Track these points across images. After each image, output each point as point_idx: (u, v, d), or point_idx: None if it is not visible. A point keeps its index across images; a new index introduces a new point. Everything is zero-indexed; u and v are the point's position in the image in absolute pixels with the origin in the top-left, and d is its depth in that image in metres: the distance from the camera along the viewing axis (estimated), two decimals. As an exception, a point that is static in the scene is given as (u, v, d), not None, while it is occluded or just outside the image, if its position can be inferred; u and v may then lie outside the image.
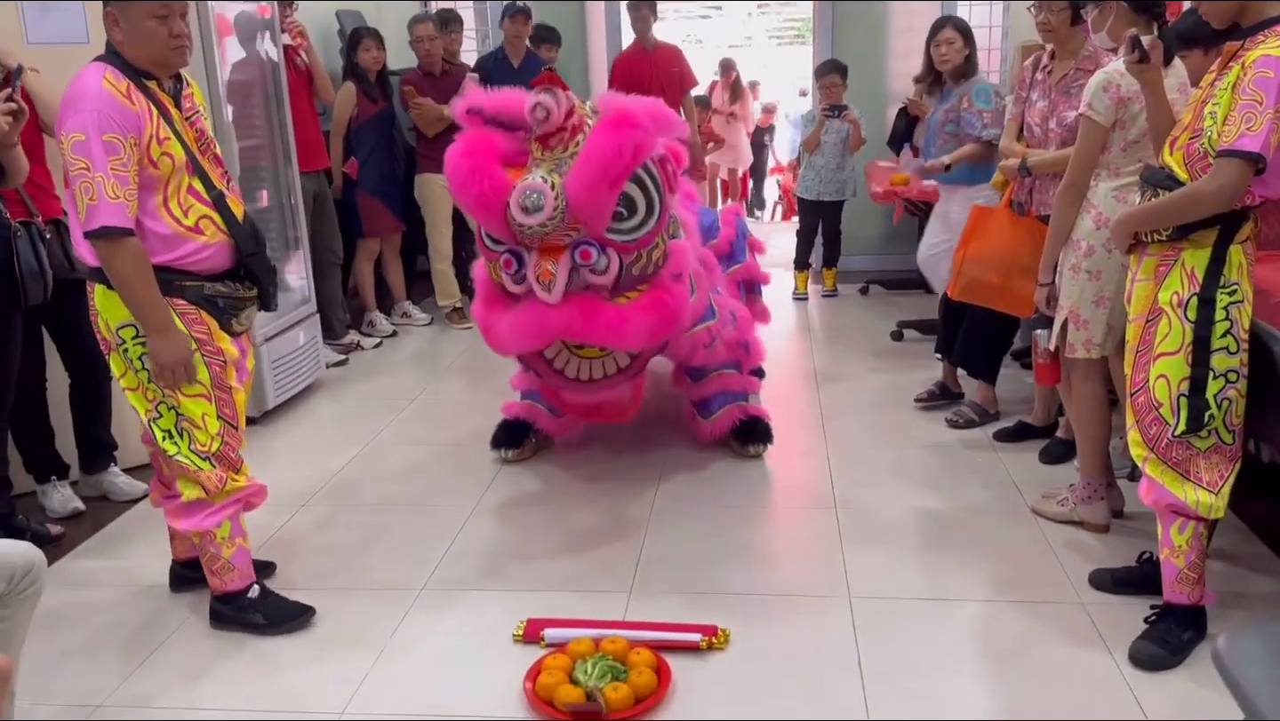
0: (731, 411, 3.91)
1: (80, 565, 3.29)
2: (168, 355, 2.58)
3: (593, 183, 2.95)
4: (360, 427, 4.43)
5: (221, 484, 2.72)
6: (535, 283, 3.05)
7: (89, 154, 2.44)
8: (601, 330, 3.11)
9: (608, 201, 2.99)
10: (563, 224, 2.99)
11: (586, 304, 3.09)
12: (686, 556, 3.18)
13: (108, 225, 2.46)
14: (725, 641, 2.68)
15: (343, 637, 2.80)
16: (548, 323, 3.10)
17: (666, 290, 3.22)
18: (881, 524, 3.35)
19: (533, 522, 3.47)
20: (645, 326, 3.15)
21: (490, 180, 2.99)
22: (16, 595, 2.11)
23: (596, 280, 3.09)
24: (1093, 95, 2.95)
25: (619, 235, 3.06)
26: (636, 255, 3.12)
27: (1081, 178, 3.04)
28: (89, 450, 3.78)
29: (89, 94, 2.47)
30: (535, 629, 2.75)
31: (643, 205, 3.07)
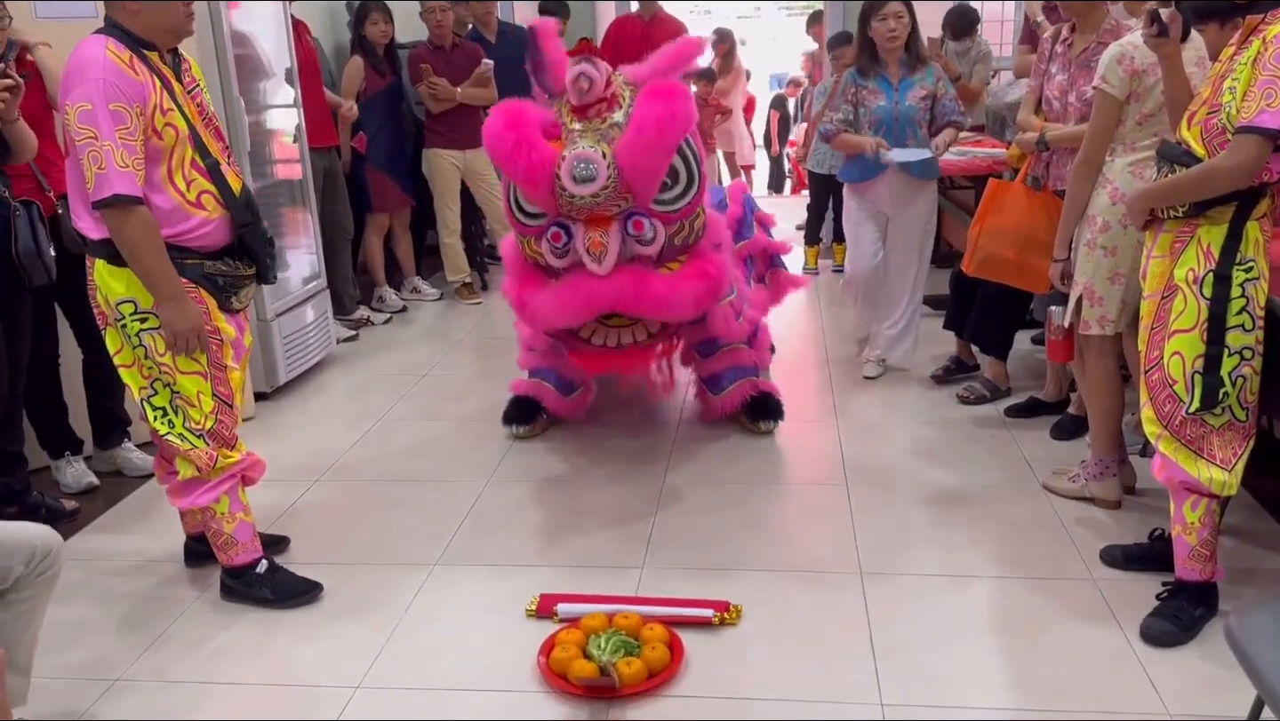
0: (742, 387, 3.89)
1: (95, 540, 3.31)
2: (182, 323, 2.59)
3: (647, 152, 2.95)
4: (371, 403, 4.45)
5: (212, 461, 2.73)
6: (585, 254, 3.04)
7: (95, 123, 2.44)
8: (652, 301, 3.13)
9: (660, 171, 3.00)
10: (614, 194, 2.98)
11: (636, 275, 3.09)
12: (698, 531, 3.19)
13: (120, 193, 2.46)
14: (737, 617, 2.69)
15: (357, 612, 2.82)
16: (598, 295, 3.09)
17: (708, 259, 3.24)
18: (893, 500, 3.35)
19: (544, 498, 3.48)
20: (692, 295, 3.16)
21: (537, 152, 2.97)
22: (35, 577, 2.13)
23: (643, 251, 3.10)
24: (1106, 68, 2.92)
25: (663, 206, 3.08)
26: (679, 225, 3.14)
27: (1097, 152, 3.01)
28: (102, 425, 3.80)
29: (93, 63, 2.47)
30: (548, 604, 2.76)
31: (684, 175, 3.08)
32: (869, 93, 4.09)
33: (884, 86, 4.09)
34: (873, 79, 4.09)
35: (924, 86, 4.09)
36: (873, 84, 4.10)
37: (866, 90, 4.10)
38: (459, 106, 5.64)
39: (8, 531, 2.15)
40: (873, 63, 4.08)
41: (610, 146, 2.97)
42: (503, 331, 5.52)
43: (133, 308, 2.62)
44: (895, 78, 4.09)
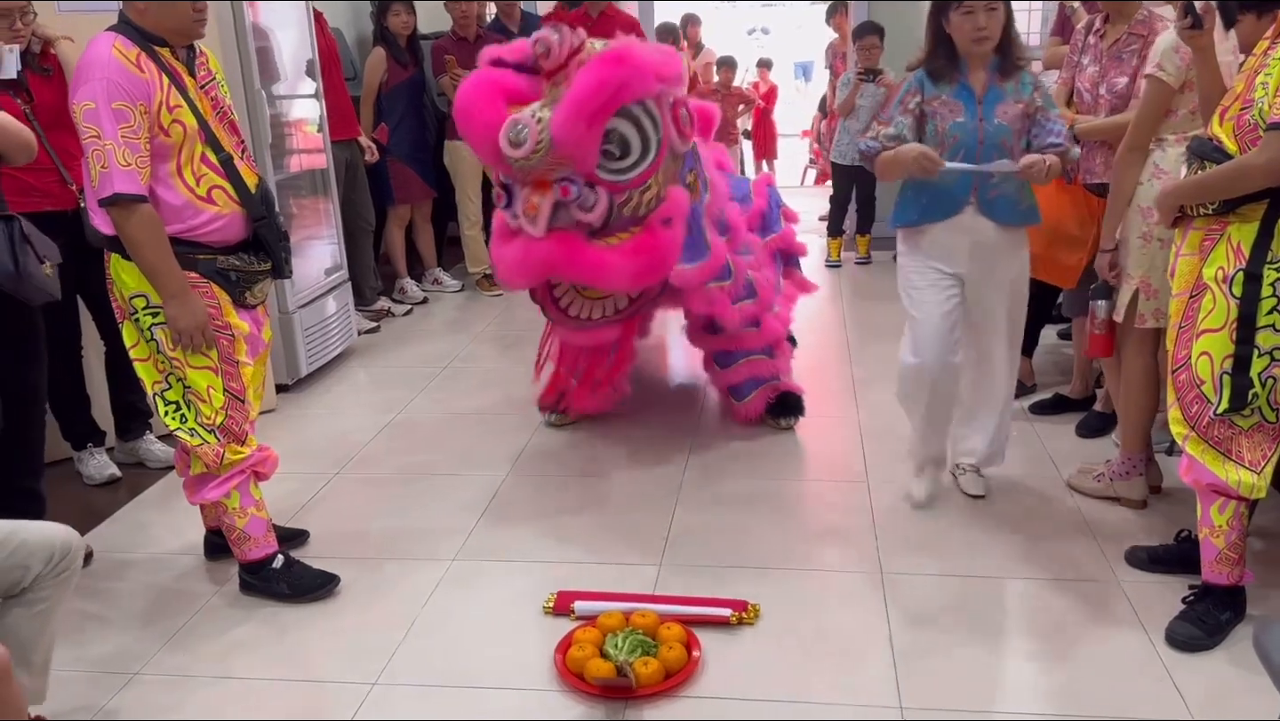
0: (764, 392, 3.88)
1: (116, 532, 3.33)
2: (186, 320, 2.60)
3: (574, 118, 2.98)
4: (392, 395, 4.45)
5: (219, 458, 2.73)
6: (522, 216, 3.12)
7: (99, 122, 2.45)
8: (582, 269, 3.17)
9: (588, 137, 3.02)
10: (548, 158, 3.03)
11: (569, 242, 3.13)
12: (716, 529, 3.17)
13: (120, 192, 2.47)
14: (755, 616, 2.67)
15: (375, 607, 2.82)
16: (530, 256, 3.16)
17: (653, 234, 3.21)
18: (914, 498, 3.32)
19: (563, 493, 3.47)
20: (628, 270, 3.16)
21: (487, 114, 3.08)
22: (54, 576, 2.13)
23: (584, 217, 3.11)
24: (1163, 55, 2.86)
25: (610, 174, 3.09)
26: (627, 196, 3.14)
27: (1144, 140, 2.96)
28: (124, 417, 3.82)
29: (98, 62, 2.48)
30: (565, 601, 2.75)
31: (637, 145, 3.09)
32: (942, 104, 2.97)
33: (963, 98, 2.96)
34: (947, 87, 2.98)
35: (1019, 99, 2.97)
36: (947, 94, 2.98)
37: (939, 101, 2.98)
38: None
39: (30, 531, 2.15)
40: (949, 66, 2.97)
41: (551, 112, 3.03)
42: (524, 323, 5.51)
43: (144, 302, 2.63)
44: (980, 86, 2.97)
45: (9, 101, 3.24)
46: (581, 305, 3.44)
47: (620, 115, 3.05)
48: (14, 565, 2.09)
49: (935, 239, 3.06)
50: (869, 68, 6.09)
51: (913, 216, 3.10)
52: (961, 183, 2.96)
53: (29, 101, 3.35)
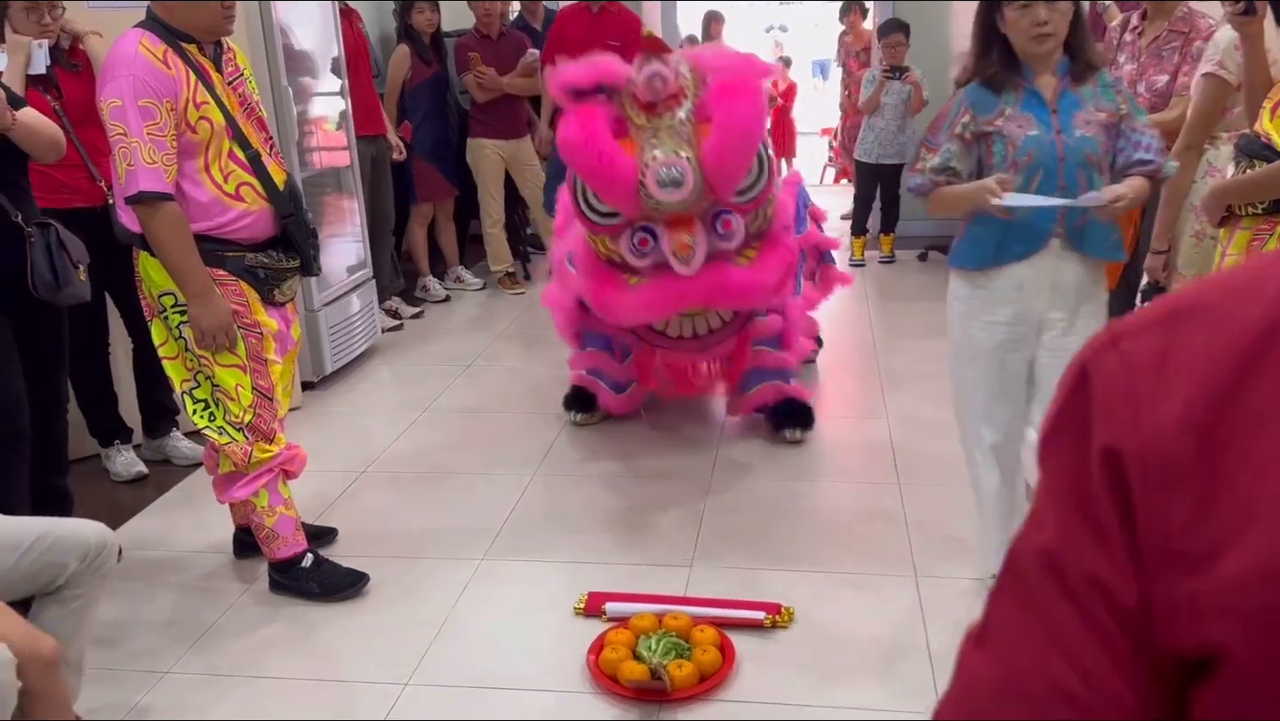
0: (764, 391, 3.72)
1: (144, 530, 3.33)
2: (209, 320, 2.58)
3: (734, 154, 2.96)
4: (417, 393, 4.43)
5: (247, 457, 2.72)
6: (672, 256, 3.03)
7: (125, 119, 2.45)
8: (737, 294, 3.15)
9: (744, 170, 3.00)
10: (700, 196, 2.98)
11: (720, 271, 3.10)
12: (747, 529, 3.14)
13: (145, 190, 2.46)
14: (789, 620, 2.64)
15: (404, 607, 2.80)
16: (687, 295, 3.10)
17: (781, 243, 3.25)
18: (947, 500, 3.27)
19: (590, 491, 3.45)
20: (772, 282, 3.19)
21: (618, 161, 2.96)
22: (90, 573, 2.12)
23: (726, 246, 3.09)
24: (1224, 53, 2.83)
25: (741, 197, 3.06)
26: (755, 214, 3.13)
27: (1200, 138, 2.93)
28: (152, 414, 3.81)
29: (124, 59, 2.47)
30: (596, 602, 2.73)
31: (757, 164, 3.06)
32: (1008, 119, 2.35)
33: (1033, 108, 2.35)
34: (1011, 96, 2.37)
35: (1101, 106, 2.37)
36: (1012, 106, 2.37)
37: (1003, 117, 2.36)
38: (504, 96, 5.61)
39: (64, 528, 2.15)
40: (1008, 71, 2.37)
41: (691, 148, 2.95)
42: (546, 321, 5.48)
43: (173, 300, 2.62)
44: (1050, 92, 2.36)
45: (38, 97, 3.24)
46: (681, 324, 3.38)
47: None
48: (49, 563, 2.08)
49: (1008, 282, 2.40)
50: (894, 65, 6.04)
51: (983, 257, 2.42)
52: (1045, 209, 2.32)
53: (58, 98, 3.35)
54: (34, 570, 2.07)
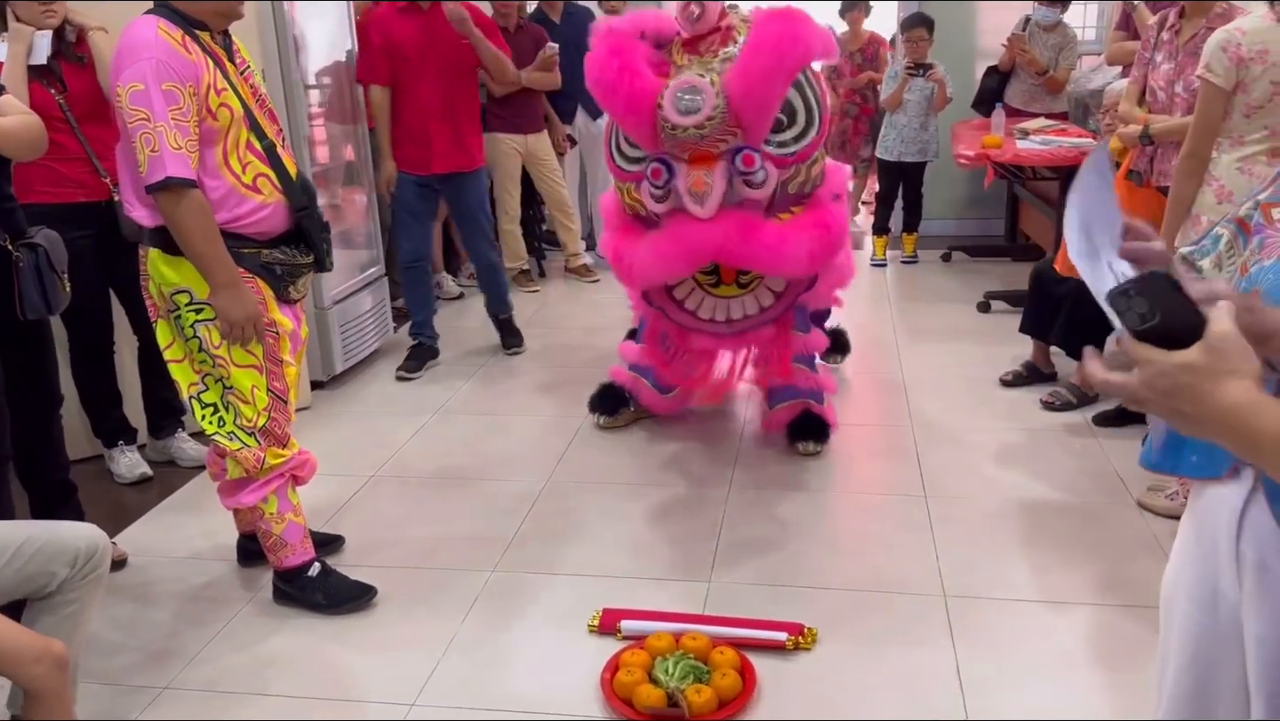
0: (794, 406, 3.60)
1: (146, 534, 3.24)
2: (238, 311, 2.49)
3: (761, 77, 2.65)
4: (428, 394, 4.34)
5: (260, 462, 2.63)
6: (687, 195, 2.78)
7: (149, 103, 2.34)
8: (759, 250, 2.80)
9: (774, 101, 2.73)
10: (721, 126, 2.71)
11: (743, 221, 2.80)
12: (766, 544, 3.03)
13: (173, 176, 2.36)
14: (812, 641, 2.53)
15: (412, 622, 2.70)
16: (699, 241, 2.80)
17: (827, 209, 2.92)
18: (975, 514, 3.16)
19: (605, 501, 3.34)
20: (806, 248, 2.83)
21: (640, 79, 2.74)
22: (80, 580, 2.03)
23: (752, 194, 2.81)
24: (1211, 55, 2.73)
25: (777, 147, 2.80)
26: (795, 170, 2.83)
27: (1202, 145, 2.81)
28: (157, 415, 3.73)
29: (145, 43, 2.37)
30: (611, 620, 2.62)
31: (803, 114, 2.81)
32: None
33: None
34: None
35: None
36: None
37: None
38: (521, 90, 5.50)
39: (53, 533, 2.06)
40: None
41: (720, 76, 2.71)
42: (563, 322, 5.40)
43: (188, 298, 2.52)
44: None
45: (40, 90, 3.16)
46: (715, 305, 3.05)
47: None
48: (37, 570, 1.99)
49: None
50: (918, 61, 5.91)
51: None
52: None
53: (62, 91, 3.26)
54: (19, 577, 1.99)
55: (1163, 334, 0.92)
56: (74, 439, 3.65)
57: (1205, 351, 0.90)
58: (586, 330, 5.22)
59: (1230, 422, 0.90)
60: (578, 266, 6.11)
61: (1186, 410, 0.91)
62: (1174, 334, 0.92)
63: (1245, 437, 0.91)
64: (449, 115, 4.38)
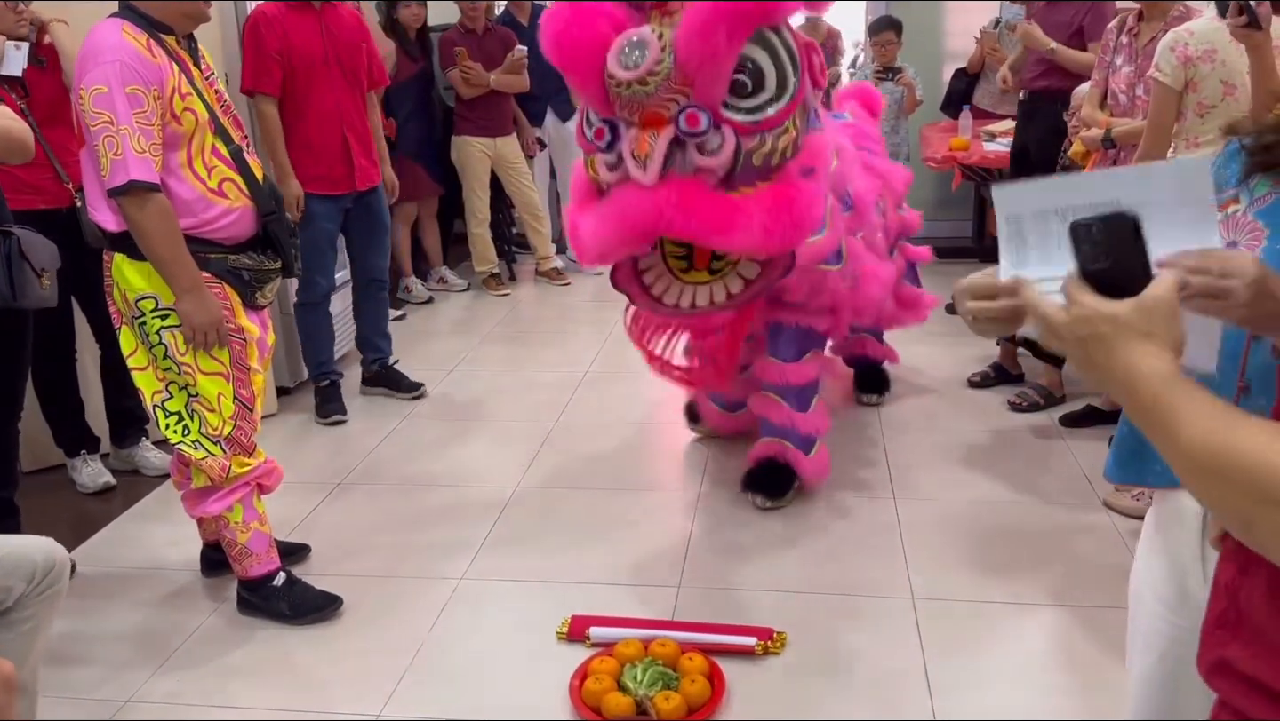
0: (762, 446, 3.26)
1: (110, 544, 3.20)
2: (201, 316, 2.47)
3: (709, 27, 2.40)
4: (395, 401, 4.30)
5: (225, 471, 2.60)
6: (630, 158, 2.53)
7: (112, 106, 2.32)
8: (704, 221, 2.51)
9: (725, 55, 2.43)
10: (668, 82, 2.44)
11: (688, 189, 2.51)
12: (735, 549, 3.03)
13: (135, 180, 2.34)
14: (781, 646, 2.53)
15: (379, 631, 2.68)
16: (637, 210, 2.53)
17: (794, 184, 2.58)
18: (943, 516, 3.17)
19: (574, 508, 3.32)
20: (761, 223, 2.51)
21: (590, 30, 2.52)
22: (37, 596, 1.99)
23: (705, 162, 2.51)
24: (1160, 56, 2.79)
25: (739, 113, 2.50)
26: (759, 139, 2.53)
27: (1157, 147, 2.84)
28: (120, 423, 3.68)
29: (109, 46, 2.35)
30: (580, 626, 2.61)
31: (772, 78, 2.51)
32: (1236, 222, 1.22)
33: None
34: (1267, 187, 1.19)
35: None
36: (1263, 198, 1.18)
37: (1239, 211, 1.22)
38: (490, 93, 5.49)
39: (8, 547, 2.02)
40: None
41: (672, 30, 2.49)
42: (533, 325, 5.38)
43: (153, 304, 2.49)
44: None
45: (4, 95, 3.10)
46: (681, 291, 2.75)
47: (755, 40, 2.47)
48: None
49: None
50: (886, 65, 5.93)
51: None
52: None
53: (24, 96, 3.21)
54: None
55: (1108, 280, 0.89)
56: (36, 448, 3.60)
57: (1134, 309, 0.87)
58: (557, 334, 5.21)
59: (1130, 384, 0.86)
60: (548, 270, 6.09)
61: (1098, 360, 0.89)
62: (1118, 283, 0.89)
63: (1138, 404, 0.86)
64: (361, 125, 3.99)
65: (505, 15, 5.91)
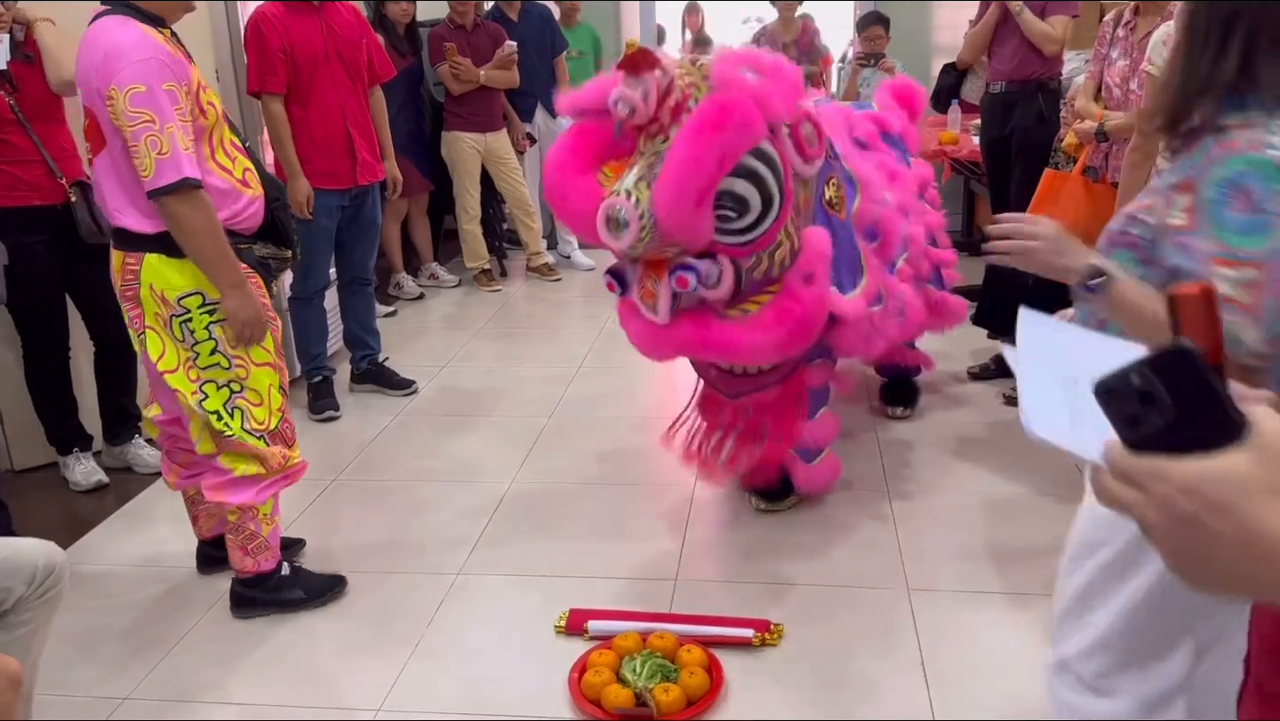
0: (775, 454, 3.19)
1: (104, 542, 3.18)
2: (248, 310, 2.46)
3: (675, 199, 2.46)
4: (388, 397, 4.29)
5: (285, 460, 2.62)
6: (641, 305, 2.68)
7: (155, 105, 2.28)
8: (719, 349, 2.73)
9: (696, 216, 2.50)
10: (656, 242, 2.52)
11: (698, 321, 2.68)
12: (731, 542, 3.04)
13: (188, 177, 2.32)
14: (779, 637, 2.54)
15: (377, 626, 2.68)
16: (663, 342, 2.76)
17: (794, 297, 2.69)
18: (938, 508, 3.19)
19: (570, 502, 3.33)
20: (766, 343, 2.68)
21: (580, 195, 2.60)
22: (37, 598, 1.99)
23: (711, 295, 2.63)
24: (1153, 49, 2.81)
25: (731, 238, 2.58)
26: (755, 259, 2.63)
27: (1148, 139, 2.85)
28: (113, 421, 3.66)
29: (134, 43, 2.30)
30: (578, 620, 2.62)
31: (756, 202, 2.56)
32: None
33: None
34: None
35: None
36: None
37: None
38: (480, 88, 5.48)
39: (11, 549, 2.01)
40: None
41: (649, 187, 2.51)
42: (524, 322, 5.38)
43: (199, 300, 2.45)
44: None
45: (-9, 93, 3.10)
46: (716, 374, 2.99)
47: (731, 175, 2.51)
48: None
49: None
50: (870, 52, 5.93)
51: None
52: None
53: (12, 93, 3.20)
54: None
55: (1180, 438, 0.64)
56: (28, 446, 3.60)
57: (1255, 459, 0.63)
58: (549, 330, 5.21)
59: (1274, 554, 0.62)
60: (539, 265, 6.09)
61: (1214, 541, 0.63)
62: (1195, 438, 0.64)
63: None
64: (363, 121, 4.04)
65: (495, 11, 5.90)
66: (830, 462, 3.20)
